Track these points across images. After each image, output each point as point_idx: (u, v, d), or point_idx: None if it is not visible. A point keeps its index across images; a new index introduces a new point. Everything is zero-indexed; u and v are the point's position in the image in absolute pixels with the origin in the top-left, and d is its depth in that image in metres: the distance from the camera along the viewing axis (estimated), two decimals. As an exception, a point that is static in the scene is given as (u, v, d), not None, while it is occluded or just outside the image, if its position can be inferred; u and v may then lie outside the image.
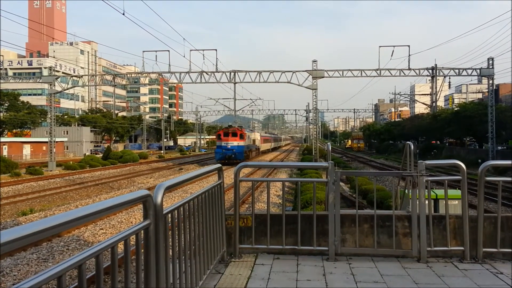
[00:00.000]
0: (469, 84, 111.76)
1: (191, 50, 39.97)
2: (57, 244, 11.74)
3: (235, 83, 40.45)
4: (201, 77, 40.06)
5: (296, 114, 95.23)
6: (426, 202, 5.37)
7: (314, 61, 38.75)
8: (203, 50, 40.13)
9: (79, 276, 2.08)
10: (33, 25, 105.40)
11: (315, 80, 38.97)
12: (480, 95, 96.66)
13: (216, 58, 39.96)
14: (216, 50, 39.40)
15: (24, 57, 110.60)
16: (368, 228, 5.67)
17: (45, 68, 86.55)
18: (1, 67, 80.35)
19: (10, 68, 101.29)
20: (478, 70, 38.79)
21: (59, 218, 1.94)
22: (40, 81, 47.13)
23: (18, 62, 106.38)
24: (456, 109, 55.71)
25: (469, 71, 39.24)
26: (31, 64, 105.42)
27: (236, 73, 39.92)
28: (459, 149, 53.76)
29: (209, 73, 39.97)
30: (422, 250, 5.32)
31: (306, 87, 39.52)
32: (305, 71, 39.14)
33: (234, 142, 45.73)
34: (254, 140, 56.40)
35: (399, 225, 5.64)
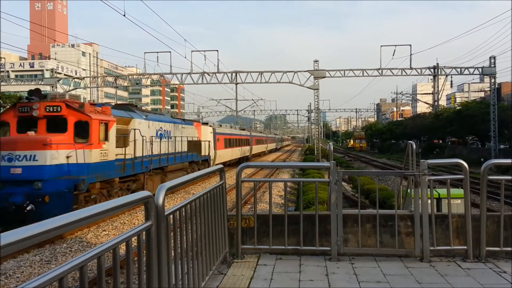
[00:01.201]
0: (471, 83, 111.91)
1: (192, 51, 39.90)
2: (60, 246, 11.75)
3: (236, 84, 40.46)
4: (202, 78, 40.10)
5: (298, 114, 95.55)
6: (429, 201, 5.36)
7: (316, 61, 38.75)
8: (205, 51, 40.21)
9: (81, 277, 2.08)
10: (34, 27, 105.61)
11: (316, 80, 38.96)
12: (482, 94, 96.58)
13: (218, 59, 39.92)
14: (217, 51, 39.45)
15: (26, 59, 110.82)
16: (370, 228, 5.67)
17: (47, 70, 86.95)
18: (3, 70, 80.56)
19: (12, 71, 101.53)
20: (480, 69, 38.76)
21: (62, 220, 1.94)
22: (42, 83, 47.27)
23: (20, 65, 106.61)
24: (458, 108, 55.61)
25: (471, 70, 39.22)
26: (33, 66, 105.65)
27: (237, 74, 39.94)
28: (461, 148, 53.66)
29: (211, 74, 40.00)
30: (425, 250, 5.31)
31: (307, 87, 39.51)
32: (307, 71, 39.13)
33: (41, 155, 13.32)
34: (193, 145, 26.36)
35: (401, 225, 5.63)
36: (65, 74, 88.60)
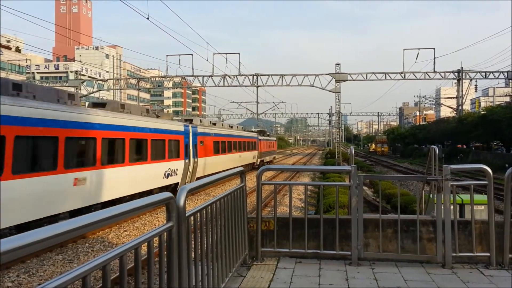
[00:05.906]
0: (496, 87, 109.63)
1: (214, 54, 40.19)
2: (82, 245, 11.92)
3: (257, 87, 40.58)
4: (224, 81, 40.31)
5: (319, 118, 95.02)
6: (451, 207, 5.28)
7: (337, 64, 38.58)
8: (226, 53, 40.45)
9: (103, 276, 2.11)
10: (59, 30, 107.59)
11: (338, 83, 38.77)
12: (507, 98, 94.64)
13: (239, 62, 40.11)
14: (239, 53, 39.63)
15: (51, 61, 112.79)
16: (391, 233, 5.61)
17: (71, 72, 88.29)
18: (28, 71, 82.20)
19: (38, 72, 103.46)
20: (506, 73, 38.08)
21: (85, 220, 1.97)
22: (67, 85, 48.05)
23: (45, 66, 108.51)
24: (483, 112, 54.66)
25: (496, 74, 38.63)
26: (57, 68, 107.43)
27: (258, 77, 40.01)
28: (485, 153, 52.69)
29: (232, 77, 40.20)
30: (447, 256, 5.23)
31: (329, 91, 39.36)
32: (328, 74, 38.99)
33: None
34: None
35: (423, 230, 5.56)
36: (89, 76, 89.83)
